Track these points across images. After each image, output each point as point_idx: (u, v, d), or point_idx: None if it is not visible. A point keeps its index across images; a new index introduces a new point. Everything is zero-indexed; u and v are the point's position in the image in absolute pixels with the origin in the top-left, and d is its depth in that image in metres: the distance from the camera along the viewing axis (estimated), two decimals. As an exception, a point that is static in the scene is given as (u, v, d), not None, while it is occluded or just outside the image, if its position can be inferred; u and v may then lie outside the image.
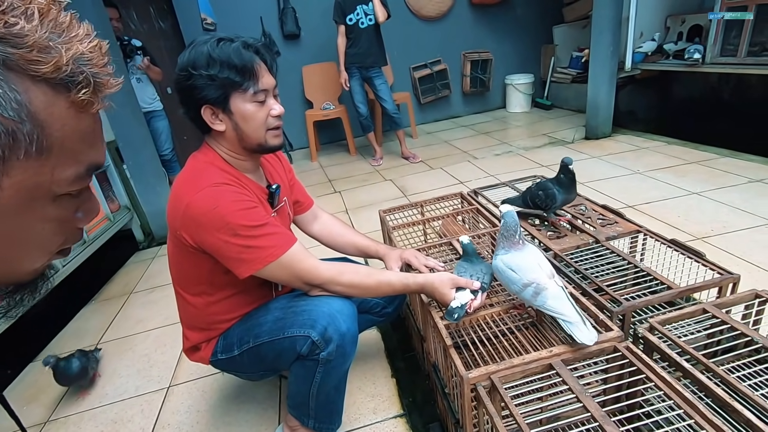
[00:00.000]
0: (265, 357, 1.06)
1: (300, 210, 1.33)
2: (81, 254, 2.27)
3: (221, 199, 0.92)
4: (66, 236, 0.41)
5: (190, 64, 0.93)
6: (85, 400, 1.59)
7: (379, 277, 1.06)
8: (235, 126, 0.98)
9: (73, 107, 0.35)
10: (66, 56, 0.33)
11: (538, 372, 0.87)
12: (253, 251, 0.94)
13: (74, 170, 0.37)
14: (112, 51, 2.13)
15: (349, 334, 1.01)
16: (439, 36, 4.84)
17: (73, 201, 0.40)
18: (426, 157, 3.87)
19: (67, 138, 0.35)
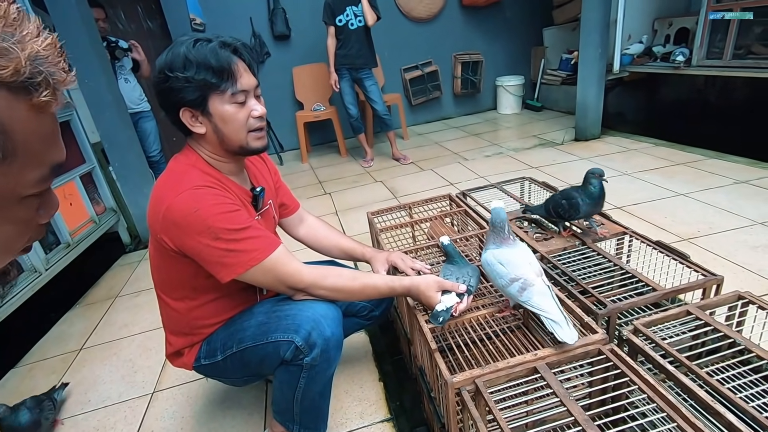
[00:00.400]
0: (249, 362, 1.04)
1: (286, 213, 1.31)
2: (65, 257, 2.23)
3: (202, 201, 0.90)
4: (30, 234, 0.41)
5: (167, 67, 0.91)
6: (68, 407, 1.55)
7: (364, 280, 1.04)
8: (215, 128, 0.96)
9: (32, 110, 0.34)
10: (23, 57, 0.32)
11: (522, 375, 0.87)
12: (235, 255, 0.92)
13: (39, 172, 0.37)
14: (99, 52, 2.09)
15: (334, 338, 0.99)
16: (430, 37, 4.85)
17: (36, 200, 0.39)
18: (417, 159, 3.87)
19: (29, 141, 0.35)
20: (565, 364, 0.89)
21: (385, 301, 1.35)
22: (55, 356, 1.87)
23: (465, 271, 1.09)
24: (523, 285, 0.93)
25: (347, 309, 1.27)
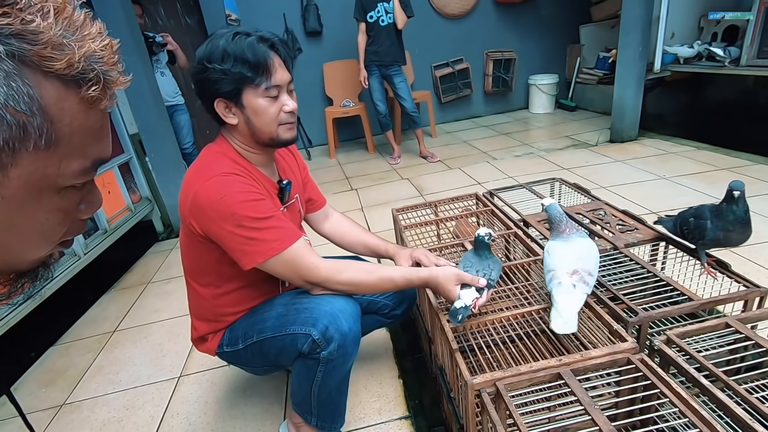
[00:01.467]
0: (268, 353, 1.06)
1: (312, 208, 1.32)
2: (102, 243, 2.33)
3: (229, 188, 0.93)
4: (69, 227, 0.42)
5: (206, 58, 0.93)
6: (99, 386, 1.63)
7: (381, 273, 1.03)
8: (247, 120, 0.98)
9: (82, 103, 0.36)
10: (78, 54, 0.34)
11: (545, 381, 0.84)
12: (256, 243, 0.94)
13: (80, 163, 0.38)
14: (139, 47, 2.17)
15: (351, 334, 0.99)
16: (462, 34, 4.79)
17: (78, 193, 0.40)
18: (444, 157, 3.83)
19: (75, 132, 0.36)
20: (591, 371, 0.86)
21: (407, 300, 1.34)
22: (90, 336, 1.96)
23: (487, 263, 1.05)
24: (551, 277, 0.96)
25: (368, 306, 1.27)
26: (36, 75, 0.33)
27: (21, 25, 0.31)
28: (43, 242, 0.40)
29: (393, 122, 4.13)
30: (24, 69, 0.32)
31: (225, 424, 1.36)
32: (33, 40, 0.32)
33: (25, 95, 0.32)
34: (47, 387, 1.67)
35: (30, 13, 0.32)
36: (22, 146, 0.33)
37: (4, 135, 0.32)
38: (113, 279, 2.46)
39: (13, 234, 0.37)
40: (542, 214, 1.51)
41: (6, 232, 0.37)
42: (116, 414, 1.48)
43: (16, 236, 0.38)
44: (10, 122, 0.32)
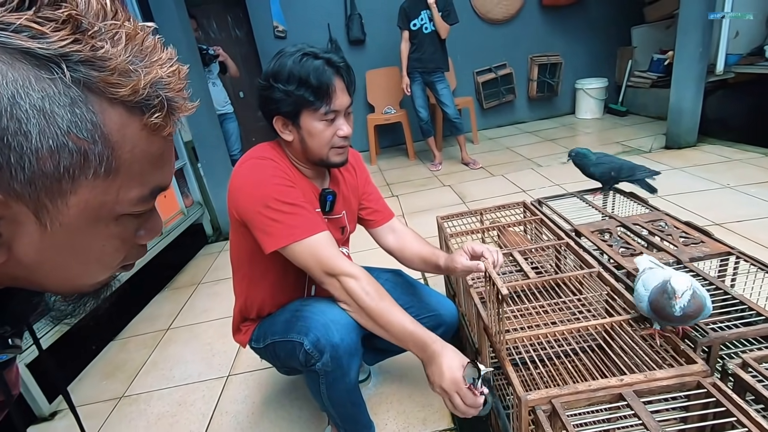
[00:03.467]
0: (278, 355, 1.09)
1: (377, 221, 1.27)
2: (158, 245, 2.46)
3: (262, 171, 0.96)
4: (127, 253, 0.42)
5: (272, 75, 0.96)
6: (154, 381, 1.71)
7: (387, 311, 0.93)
8: (302, 139, 1.01)
9: (145, 130, 0.35)
10: (144, 80, 0.34)
11: (606, 401, 0.80)
12: (279, 226, 0.94)
13: (139, 191, 0.37)
14: (194, 59, 2.28)
15: (343, 345, 0.96)
16: (505, 39, 4.71)
17: (136, 220, 0.40)
18: (487, 164, 3.77)
19: (135, 160, 0.36)
20: (657, 393, 0.81)
21: (444, 326, 1.25)
22: (146, 333, 2.07)
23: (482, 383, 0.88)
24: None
25: None
26: (101, 102, 0.33)
27: (90, 51, 0.31)
28: (102, 268, 0.41)
29: (435, 129, 4.12)
30: (89, 95, 0.32)
31: (272, 425, 1.39)
32: (101, 67, 0.32)
33: (88, 122, 0.32)
34: (107, 379, 1.78)
35: (101, 39, 0.32)
36: (82, 174, 0.33)
37: (65, 162, 0.32)
38: (167, 279, 2.60)
39: (71, 260, 0.38)
40: (595, 224, 1.45)
41: (65, 258, 0.37)
42: (170, 409, 1.55)
43: (75, 262, 0.38)
44: (72, 149, 0.32)
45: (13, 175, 0.30)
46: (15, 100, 0.29)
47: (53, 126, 0.31)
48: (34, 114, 0.30)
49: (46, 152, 0.31)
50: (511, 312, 1.09)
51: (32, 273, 0.36)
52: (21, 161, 0.30)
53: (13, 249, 0.34)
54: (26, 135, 0.30)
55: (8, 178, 0.30)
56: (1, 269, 0.35)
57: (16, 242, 0.33)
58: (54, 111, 0.30)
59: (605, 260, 1.28)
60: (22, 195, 0.31)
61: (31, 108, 0.30)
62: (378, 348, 1.33)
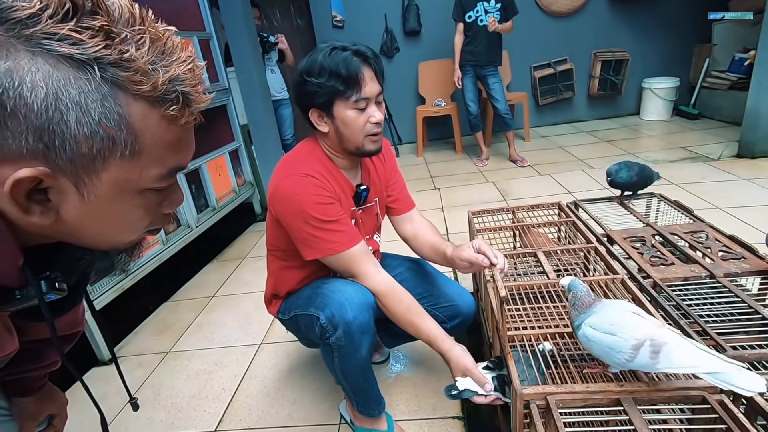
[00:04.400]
0: (300, 328, 1.18)
1: (398, 209, 1.32)
2: (211, 219, 2.67)
3: (303, 189, 1.03)
4: (152, 220, 0.50)
5: (305, 71, 1.03)
6: (197, 341, 1.89)
7: (413, 318, 1.08)
8: (337, 129, 1.06)
9: (163, 120, 0.43)
10: (163, 78, 0.41)
11: (602, 404, 0.81)
12: (318, 241, 1.04)
13: (158, 171, 0.45)
14: (254, 46, 2.43)
15: (356, 322, 1.04)
16: (568, 33, 4.51)
17: (159, 194, 0.48)
18: (535, 162, 3.67)
19: (155, 145, 0.43)
20: (657, 403, 0.80)
21: (460, 316, 1.30)
22: (194, 298, 2.27)
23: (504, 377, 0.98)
24: (654, 347, 0.73)
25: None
26: (126, 96, 0.40)
27: (118, 55, 0.38)
28: (131, 231, 0.50)
29: (484, 123, 4.06)
30: (117, 91, 0.39)
31: (294, 393, 1.50)
32: (126, 68, 0.39)
33: (115, 114, 0.39)
34: (158, 336, 1.98)
35: (127, 44, 0.39)
36: (111, 155, 0.41)
37: (97, 146, 0.40)
38: (216, 251, 2.81)
39: (105, 225, 0.47)
40: (629, 231, 1.41)
41: (100, 222, 0.46)
42: (207, 367, 1.71)
43: (108, 226, 0.47)
44: (102, 136, 0.39)
45: (58, 155, 0.39)
46: (58, 96, 0.37)
47: (87, 117, 0.38)
48: (73, 107, 0.38)
49: (82, 137, 0.39)
50: (524, 310, 1.10)
51: (75, 231, 0.46)
52: (63, 144, 0.38)
53: (59, 213, 0.43)
54: (67, 124, 0.38)
55: (54, 157, 0.39)
56: (52, 228, 0.44)
57: (61, 208, 0.42)
58: (88, 104, 0.38)
59: (634, 268, 1.25)
60: (65, 171, 0.40)
61: (71, 102, 0.38)
62: (396, 332, 1.40)
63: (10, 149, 0.38)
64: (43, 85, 0.37)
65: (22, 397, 0.74)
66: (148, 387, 1.64)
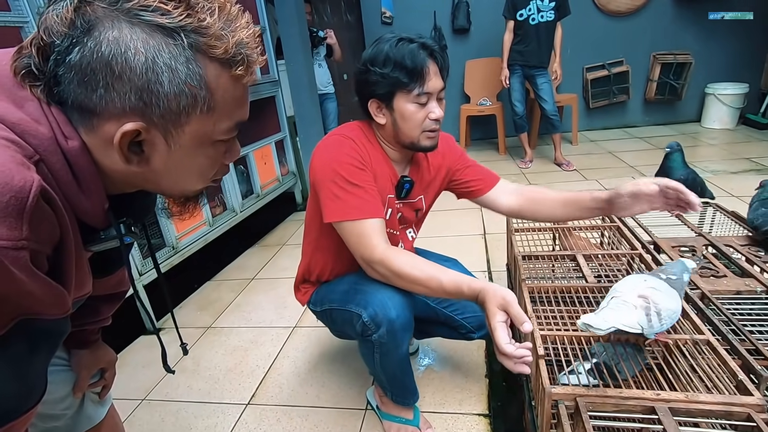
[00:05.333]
0: (335, 321, 1.18)
1: (482, 189, 1.25)
2: (254, 205, 2.79)
3: (340, 148, 1.03)
4: (217, 170, 0.58)
5: (370, 60, 1.01)
6: (236, 319, 1.98)
7: (431, 272, 0.96)
8: (394, 122, 1.05)
9: (232, 79, 0.49)
10: (232, 42, 0.47)
11: (635, 411, 0.78)
12: (337, 202, 1.01)
13: (227, 124, 0.52)
14: (304, 41, 2.52)
15: (399, 321, 1.03)
16: (626, 34, 4.30)
17: (224, 145, 0.55)
18: (581, 167, 3.54)
19: (226, 101, 0.50)
20: (695, 416, 0.77)
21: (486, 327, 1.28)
22: (235, 279, 2.38)
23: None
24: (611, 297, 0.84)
25: (445, 320, 1.28)
26: (204, 59, 0.46)
27: (197, 23, 0.44)
28: (201, 179, 0.57)
29: (530, 125, 3.96)
30: (197, 55, 0.45)
31: (323, 376, 1.55)
32: (204, 33, 0.45)
33: (197, 74, 0.46)
34: (201, 311, 2.10)
35: (203, 12, 0.45)
36: (193, 111, 0.47)
37: (183, 103, 0.46)
38: (258, 236, 2.93)
39: (183, 172, 0.54)
40: (678, 239, 1.34)
41: (180, 170, 0.53)
42: (243, 344, 1.79)
43: (185, 173, 0.54)
44: (187, 94, 0.46)
45: (153, 111, 0.45)
46: (155, 60, 0.43)
47: (177, 77, 0.45)
48: (166, 69, 0.44)
49: (172, 95, 0.45)
50: (558, 313, 1.08)
51: (158, 178, 0.53)
52: (158, 102, 0.45)
53: (150, 162, 0.50)
54: (161, 84, 0.44)
55: (150, 113, 0.45)
56: (140, 175, 0.51)
57: (152, 157, 0.50)
58: (177, 67, 0.45)
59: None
60: (158, 125, 0.47)
61: (164, 65, 0.44)
62: (423, 332, 1.40)
63: (115, 107, 0.44)
64: (143, 51, 0.43)
65: (79, 350, 0.83)
66: (189, 358, 1.74)
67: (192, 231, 2.24)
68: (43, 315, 0.44)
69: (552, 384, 0.84)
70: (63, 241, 0.45)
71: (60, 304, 0.46)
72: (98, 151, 0.48)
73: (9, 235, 0.38)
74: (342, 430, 1.31)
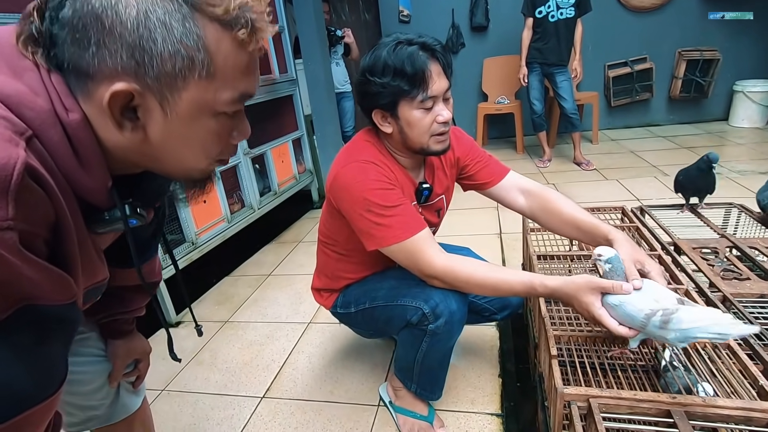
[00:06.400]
0: (378, 319, 1.17)
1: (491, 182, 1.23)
2: (272, 202, 2.83)
3: (364, 175, 1.00)
4: (222, 148, 0.54)
5: (368, 70, 0.98)
6: (252, 314, 2.02)
7: (499, 275, 0.97)
8: (401, 130, 1.02)
9: (234, 43, 0.46)
10: (234, 3, 0.44)
11: (650, 414, 0.77)
12: (381, 229, 0.99)
13: (230, 94, 0.48)
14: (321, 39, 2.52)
15: (459, 313, 1.05)
16: (649, 30, 4.19)
17: (229, 121, 0.51)
18: (601, 166, 3.47)
19: (228, 67, 0.47)
20: (713, 421, 0.75)
21: (510, 308, 1.30)
22: (252, 275, 2.42)
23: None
24: (665, 316, 0.77)
25: (470, 306, 1.26)
26: (203, 18, 0.43)
27: None
28: (204, 156, 0.53)
29: (549, 123, 3.90)
30: (195, 13, 0.43)
31: (336, 371, 1.56)
32: None
33: (194, 34, 0.43)
34: (219, 306, 2.14)
35: None
36: (190, 75, 0.44)
37: (179, 64, 0.43)
38: (275, 233, 2.97)
39: (183, 145, 0.50)
40: (701, 241, 1.30)
41: (179, 142, 0.49)
42: (259, 339, 1.82)
43: (185, 147, 0.50)
44: (183, 55, 0.43)
45: (146, 72, 0.43)
46: (147, 14, 0.41)
47: (171, 35, 0.42)
48: (159, 25, 0.42)
49: (167, 55, 0.43)
50: (573, 313, 1.06)
51: (157, 153, 0.49)
52: (151, 61, 0.42)
53: (146, 131, 0.47)
54: (155, 41, 0.42)
55: (143, 74, 0.43)
56: (138, 149, 0.48)
57: (148, 125, 0.47)
58: (172, 24, 0.42)
59: (704, 283, 1.16)
60: (152, 88, 0.44)
61: (157, 20, 0.42)
62: None
63: (107, 66, 0.42)
64: (134, 4, 0.41)
65: (114, 340, 0.85)
66: (206, 351, 1.78)
67: (211, 227, 2.29)
68: (45, 301, 0.41)
69: (564, 384, 0.84)
70: (60, 222, 0.43)
71: (63, 289, 0.44)
72: (97, 122, 0.45)
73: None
74: (355, 425, 1.33)
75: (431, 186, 1.16)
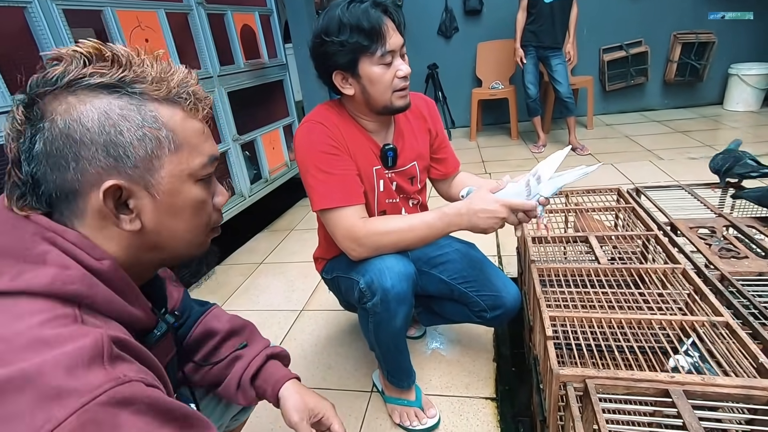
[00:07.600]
0: (340, 289, 1.20)
1: (446, 173, 1.29)
2: (263, 190, 2.78)
3: (311, 135, 1.03)
4: (210, 213, 0.58)
5: (323, 31, 0.97)
6: (244, 302, 1.99)
7: (413, 218, 1.02)
8: (363, 89, 1.01)
9: (185, 114, 0.52)
10: (173, 82, 0.51)
11: (647, 394, 0.75)
12: (314, 192, 1.02)
13: (200, 159, 0.53)
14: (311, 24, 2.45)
15: (393, 291, 1.01)
16: (645, 12, 4.14)
17: (208, 186, 0.56)
18: (596, 151, 3.45)
19: (189, 136, 0.52)
20: (712, 400, 0.73)
21: (502, 308, 1.22)
22: (244, 263, 2.39)
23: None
24: (534, 175, 0.97)
25: (460, 297, 1.25)
26: (153, 103, 0.49)
27: (134, 74, 0.48)
28: (198, 225, 0.56)
29: (543, 108, 3.86)
30: (145, 101, 0.48)
31: (329, 358, 1.54)
32: (144, 80, 0.48)
33: (151, 117, 0.48)
34: (211, 295, 2.11)
35: (137, 66, 0.49)
36: (161, 152, 0.49)
37: (149, 147, 0.48)
38: (267, 221, 2.92)
39: (179, 221, 0.53)
40: (698, 221, 1.28)
41: (173, 221, 0.53)
42: (252, 327, 1.79)
43: (181, 222, 0.53)
44: (150, 137, 0.48)
45: (125, 164, 0.47)
46: (107, 114, 0.46)
47: (133, 123, 0.47)
48: (120, 119, 0.47)
49: (136, 142, 0.47)
50: (569, 294, 1.04)
51: (158, 237, 0.53)
52: (126, 152, 0.47)
53: (142, 219, 0.50)
54: (122, 133, 0.47)
55: (123, 167, 0.47)
56: (142, 241, 0.51)
57: (142, 214, 0.50)
58: (130, 115, 0.47)
59: (701, 262, 1.14)
60: (134, 177, 0.48)
61: (118, 116, 0.47)
62: (434, 311, 1.38)
63: (90, 174, 0.46)
64: (93, 110, 0.46)
65: None
66: (197, 340, 1.75)
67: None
68: None
69: (560, 365, 0.81)
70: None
71: None
72: (99, 236, 0.49)
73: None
74: (348, 411, 1.31)
75: (395, 147, 1.13)
